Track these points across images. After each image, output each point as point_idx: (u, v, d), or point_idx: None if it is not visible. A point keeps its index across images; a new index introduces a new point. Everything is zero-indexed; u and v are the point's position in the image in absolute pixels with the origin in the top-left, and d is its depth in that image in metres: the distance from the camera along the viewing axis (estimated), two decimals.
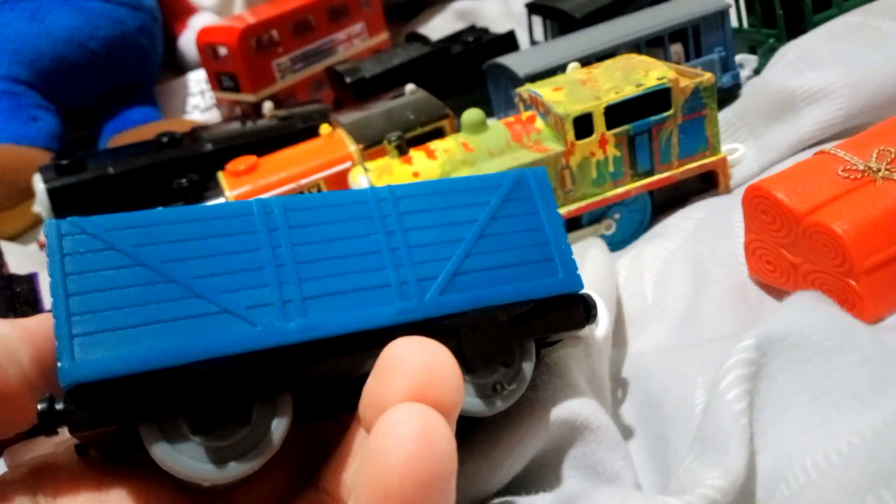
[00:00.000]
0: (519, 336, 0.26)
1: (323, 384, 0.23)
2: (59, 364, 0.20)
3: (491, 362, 0.25)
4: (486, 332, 0.25)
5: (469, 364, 0.24)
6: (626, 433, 0.33)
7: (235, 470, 0.21)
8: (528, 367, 0.26)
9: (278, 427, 0.22)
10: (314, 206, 0.24)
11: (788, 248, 0.34)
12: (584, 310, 0.27)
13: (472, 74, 0.63)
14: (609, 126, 0.43)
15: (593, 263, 0.39)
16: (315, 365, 0.23)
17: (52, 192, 0.54)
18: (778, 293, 0.37)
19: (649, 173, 0.45)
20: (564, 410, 0.28)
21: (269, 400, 0.22)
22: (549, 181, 0.28)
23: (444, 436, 0.18)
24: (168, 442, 0.21)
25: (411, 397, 0.19)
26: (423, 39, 0.72)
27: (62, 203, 0.54)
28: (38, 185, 0.54)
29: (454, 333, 0.24)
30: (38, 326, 0.23)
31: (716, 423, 0.27)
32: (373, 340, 0.23)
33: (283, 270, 0.23)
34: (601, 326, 0.32)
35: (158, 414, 0.21)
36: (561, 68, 0.52)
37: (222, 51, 0.70)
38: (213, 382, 0.21)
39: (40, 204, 0.55)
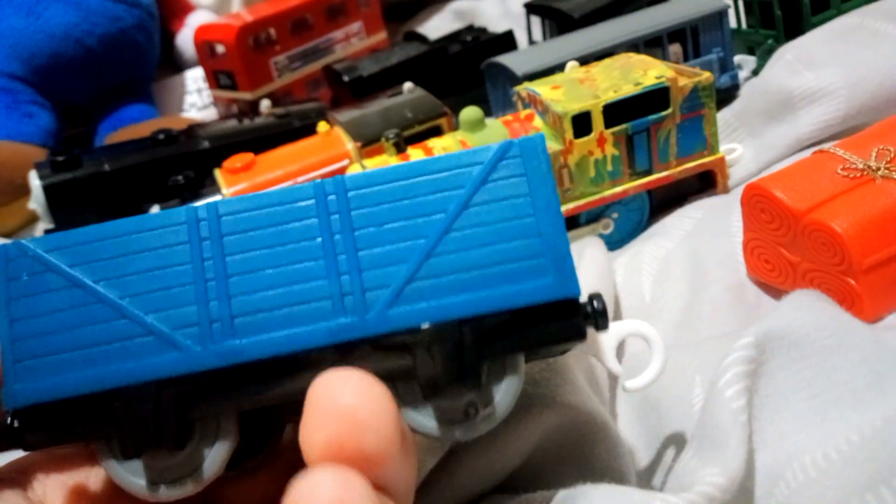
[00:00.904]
0: (489, 354, 0.21)
1: (259, 408, 0.22)
2: (2, 388, 0.21)
3: (450, 386, 0.21)
4: (445, 352, 0.21)
5: (423, 389, 0.21)
6: (625, 431, 0.33)
7: (166, 493, 0.21)
8: (507, 388, 0.21)
9: (218, 453, 0.21)
10: (250, 209, 0.22)
11: (787, 247, 0.34)
12: (586, 317, 0.22)
13: (470, 74, 0.63)
14: (607, 125, 0.43)
15: (591, 263, 0.39)
16: (245, 390, 0.21)
17: (47, 189, 0.54)
18: (776, 292, 0.36)
19: (647, 172, 0.45)
20: (564, 408, 0.28)
21: (211, 424, 0.22)
22: (545, 152, 0.22)
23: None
24: (114, 458, 0.21)
25: (330, 453, 0.17)
26: (422, 38, 0.72)
27: (58, 200, 0.54)
28: (34, 181, 0.54)
29: (405, 352, 0.21)
30: None
31: (714, 421, 0.27)
32: (312, 362, 0.21)
33: (211, 286, 0.21)
34: (649, 372, 0.25)
35: (95, 436, 0.21)
36: (559, 67, 0.51)
37: (220, 49, 0.70)
38: (139, 408, 0.21)
39: (36, 201, 0.54)
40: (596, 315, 0.22)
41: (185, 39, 0.81)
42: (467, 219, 0.21)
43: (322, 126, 0.53)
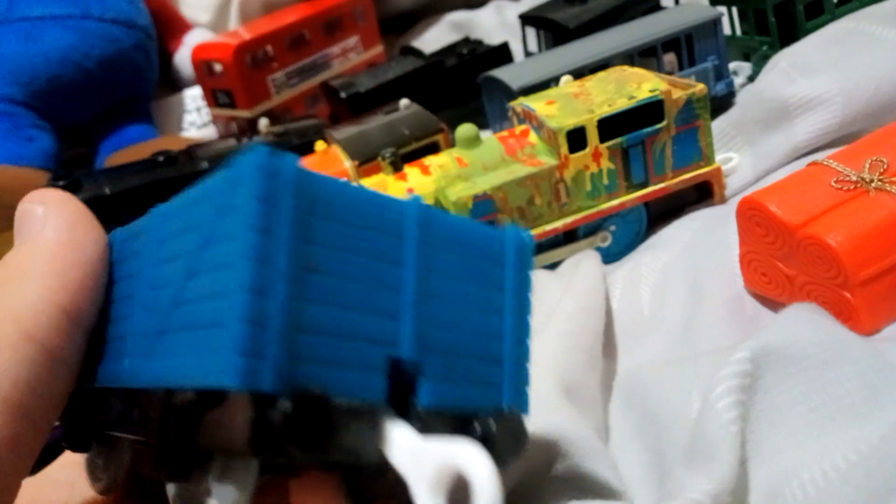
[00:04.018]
0: (183, 442, 0.17)
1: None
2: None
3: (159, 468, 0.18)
4: (151, 425, 0.18)
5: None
6: (624, 447, 0.33)
7: (94, 481, 0.23)
8: (222, 493, 0.17)
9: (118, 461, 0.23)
10: (125, 239, 0.21)
11: (783, 261, 0.34)
12: (260, 424, 0.15)
13: (466, 87, 0.63)
14: (602, 139, 0.43)
15: (584, 276, 0.39)
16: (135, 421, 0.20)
17: None
18: (774, 305, 0.36)
19: (644, 185, 0.45)
20: (541, 427, 0.28)
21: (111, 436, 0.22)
22: (295, 173, 0.15)
23: None
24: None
25: None
26: (418, 53, 0.72)
27: None
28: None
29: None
30: None
31: (704, 433, 0.27)
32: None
33: (118, 305, 0.21)
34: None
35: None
36: (554, 80, 0.52)
37: (217, 67, 0.71)
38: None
39: None
40: (277, 428, 0.15)
41: (183, 59, 0.82)
42: (202, 262, 0.16)
43: (320, 145, 0.53)
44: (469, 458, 0.16)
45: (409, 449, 0.16)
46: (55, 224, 0.21)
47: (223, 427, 0.16)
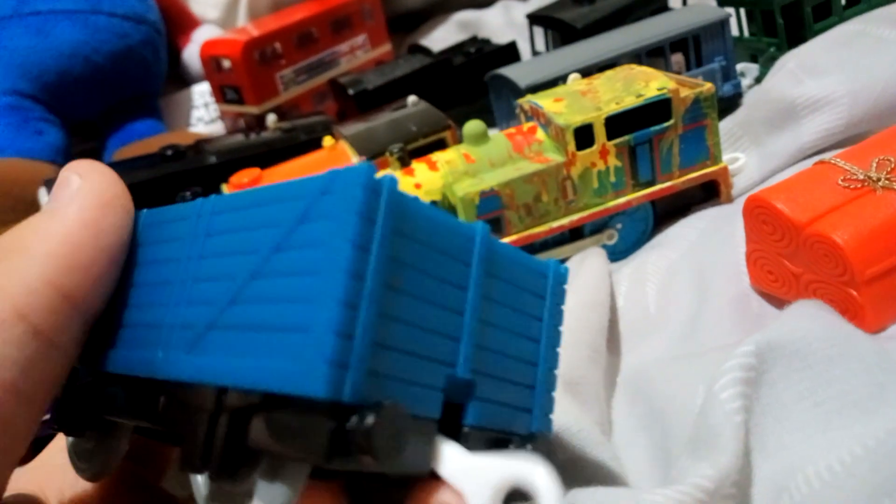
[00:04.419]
0: (232, 441, 0.17)
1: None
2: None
3: (206, 468, 0.17)
4: (197, 425, 0.18)
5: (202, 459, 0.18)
6: (629, 442, 0.33)
7: (80, 469, 0.23)
8: (271, 493, 0.17)
9: (117, 447, 0.23)
10: (162, 221, 0.21)
11: (789, 258, 0.34)
12: (340, 433, 0.15)
13: (474, 85, 0.63)
14: (610, 136, 0.43)
15: (588, 273, 0.39)
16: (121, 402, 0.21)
17: None
18: (780, 303, 0.37)
19: (651, 183, 0.45)
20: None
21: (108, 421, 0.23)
22: (392, 194, 0.16)
23: None
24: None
25: None
26: (426, 51, 0.72)
27: None
28: (43, 198, 0.55)
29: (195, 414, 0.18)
30: None
31: (708, 423, 0.27)
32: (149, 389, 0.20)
33: (129, 292, 0.21)
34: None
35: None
36: (562, 79, 0.52)
37: (226, 63, 0.71)
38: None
39: None
40: (357, 439, 0.15)
41: (192, 55, 0.82)
42: (274, 264, 0.16)
43: (328, 140, 0.53)
44: (533, 471, 0.17)
45: (461, 464, 0.17)
46: (84, 200, 0.20)
47: (275, 430, 0.16)
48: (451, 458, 0.17)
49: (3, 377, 0.18)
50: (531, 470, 0.17)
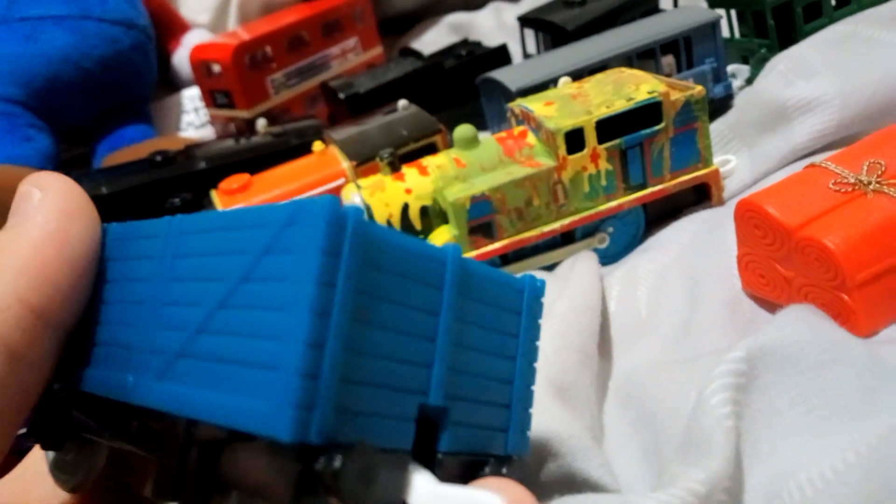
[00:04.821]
0: (203, 473, 0.17)
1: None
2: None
3: (168, 495, 0.17)
4: (168, 448, 0.18)
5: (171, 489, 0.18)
6: (620, 446, 0.33)
7: (60, 480, 0.23)
8: None
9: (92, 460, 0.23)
10: (128, 237, 0.21)
11: (781, 262, 0.34)
12: (306, 474, 0.15)
13: (465, 88, 0.63)
14: (600, 140, 0.43)
15: (578, 277, 0.39)
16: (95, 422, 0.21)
17: None
18: (772, 307, 0.36)
19: (642, 186, 0.45)
20: (532, 427, 0.28)
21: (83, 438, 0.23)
22: (358, 225, 0.15)
23: None
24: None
25: None
26: (417, 54, 0.72)
27: None
28: None
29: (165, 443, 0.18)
30: None
31: (699, 427, 0.27)
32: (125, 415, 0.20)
33: (101, 309, 0.21)
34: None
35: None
36: (553, 82, 0.52)
37: (216, 68, 0.71)
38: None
39: None
40: (326, 480, 0.15)
41: (182, 59, 0.82)
42: (240, 296, 0.16)
43: (318, 145, 0.53)
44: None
45: (431, 494, 0.16)
46: (48, 213, 0.20)
47: (245, 463, 0.16)
48: (421, 490, 0.17)
49: None
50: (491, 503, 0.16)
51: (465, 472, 0.19)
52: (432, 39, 0.88)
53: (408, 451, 0.17)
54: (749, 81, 0.58)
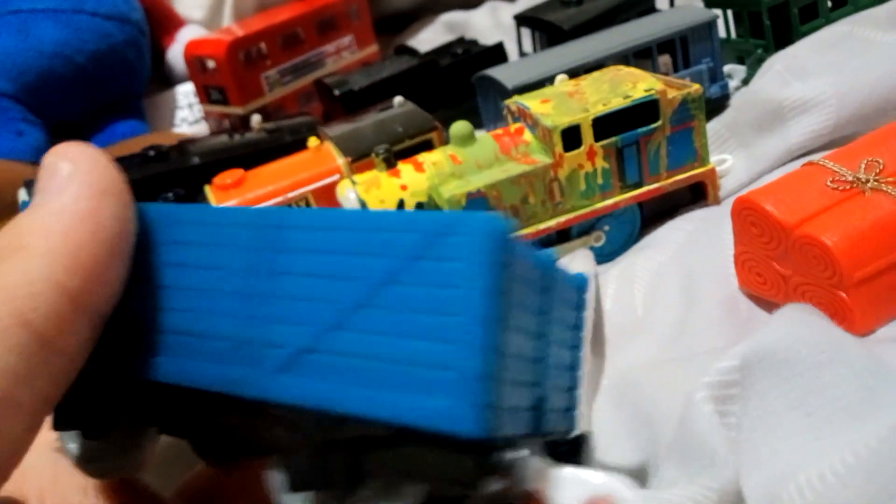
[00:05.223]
0: (350, 467, 0.18)
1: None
2: None
3: (321, 488, 0.18)
4: (319, 447, 0.18)
5: (290, 478, 0.18)
6: (614, 446, 0.33)
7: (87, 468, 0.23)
8: None
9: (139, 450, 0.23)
10: (191, 221, 0.20)
11: (778, 260, 0.34)
12: (479, 465, 0.16)
13: (461, 86, 0.63)
14: (597, 138, 0.43)
15: None
16: (167, 412, 0.21)
17: None
18: (769, 305, 0.36)
19: (638, 185, 0.45)
20: None
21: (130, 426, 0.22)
22: (500, 244, 0.16)
23: None
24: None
25: None
26: (412, 52, 0.72)
27: None
28: (24, 199, 0.54)
29: (288, 433, 0.19)
30: None
31: (692, 430, 0.27)
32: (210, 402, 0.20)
33: (160, 294, 0.20)
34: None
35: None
36: (549, 80, 0.51)
37: (210, 64, 0.70)
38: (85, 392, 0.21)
39: None
40: (502, 469, 0.17)
41: (176, 55, 0.81)
42: (385, 297, 0.17)
43: (312, 141, 0.53)
44: (620, 486, 0.18)
45: (554, 478, 0.18)
46: (78, 189, 0.19)
47: (390, 454, 0.17)
48: (539, 472, 0.18)
49: (2, 388, 0.17)
50: (620, 486, 0.18)
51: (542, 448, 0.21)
52: (428, 38, 0.87)
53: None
54: (745, 82, 0.58)
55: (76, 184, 0.19)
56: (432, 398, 0.16)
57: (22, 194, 0.54)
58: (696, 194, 0.47)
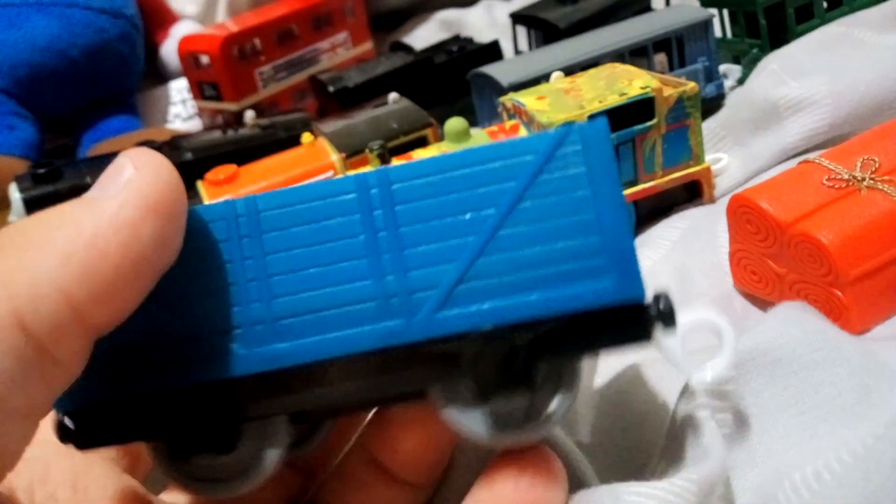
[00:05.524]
0: (544, 361, 0.20)
1: (308, 411, 0.21)
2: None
3: (501, 393, 0.20)
4: (496, 357, 0.20)
5: (472, 393, 0.20)
6: (608, 446, 0.33)
7: (214, 491, 0.21)
8: (562, 398, 0.20)
9: (268, 456, 0.21)
10: (290, 203, 0.20)
11: (773, 258, 0.34)
12: (652, 318, 0.20)
13: (456, 84, 0.63)
14: None
15: None
16: (288, 395, 0.20)
17: (27, 202, 0.53)
18: (763, 303, 0.36)
19: (633, 183, 0.45)
20: None
21: (260, 426, 0.21)
22: (608, 139, 0.19)
23: None
24: (172, 457, 0.21)
25: None
26: (408, 49, 0.72)
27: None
28: (14, 194, 0.53)
29: (455, 360, 0.20)
30: None
31: (682, 427, 0.26)
32: (358, 365, 0.20)
33: (252, 286, 0.20)
34: (719, 366, 0.24)
35: (149, 436, 0.21)
36: (545, 77, 0.51)
37: (204, 59, 0.70)
38: (192, 409, 0.20)
39: (16, 214, 0.54)
40: (663, 317, 0.20)
41: (170, 50, 0.81)
42: (520, 214, 0.19)
43: (306, 137, 0.52)
44: (716, 319, 0.23)
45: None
46: (128, 198, 0.17)
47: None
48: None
49: None
50: (716, 317, 0.23)
51: None
52: (423, 36, 0.87)
53: None
54: (741, 81, 0.58)
55: (128, 191, 0.18)
56: (599, 280, 0.19)
57: (13, 189, 0.54)
58: (692, 193, 0.47)
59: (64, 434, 0.21)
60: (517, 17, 0.69)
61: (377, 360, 0.20)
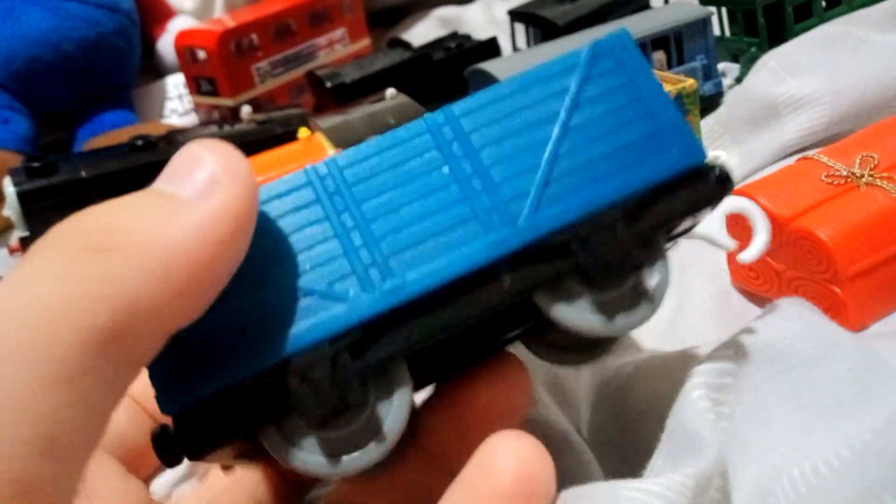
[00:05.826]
0: (641, 233, 0.21)
1: (432, 343, 0.21)
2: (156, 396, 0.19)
3: (617, 272, 0.21)
4: (601, 240, 0.21)
5: (593, 280, 0.21)
6: (608, 444, 0.33)
7: (352, 463, 0.20)
8: (662, 272, 0.22)
9: (398, 406, 0.20)
10: (367, 156, 0.21)
11: (772, 255, 0.34)
12: (714, 180, 0.22)
13: (453, 80, 0.62)
14: None
15: None
16: (417, 326, 0.20)
17: (22, 196, 0.53)
18: (761, 300, 0.36)
19: None
20: (528, 424, 0.27)
21: (383, 377, 0.20)
22: (633, 44, 0.22)
23: None
24: (288, 442, 0.20)
25: None
26: (405, 45, 0.71)
27: (32, 207, 0.53)
28: (8, 188, 0.53)
29: (565, 251, 0.21)
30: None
31: (683, 424, 0.26)
32: (475, 281, 0.21)
33: (354, 235, 0.21)
34: (758, 243, 0.28)
35: (267, 419, 0.19)
36: None
37: (201, 54, 0.69)
38: (317, 374, 0.19)
39: (10, 207, 0.53)
40: (721, 179, 0.22)
41: (166, 45, 0.80)
42: (580, 117, 0.22)
43: (303, 132, 0.52)
44: (748, 204, 0.27)
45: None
46: (222, 209, 0.16)
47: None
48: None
49: (38, 432, 0.13)
50: (749, 203, 0.27)
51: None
52: (421, 33, 0.87)
53: None
54: (738, 80, 0.58)
55: (223, 200, 0.16)
56: (666, 154, 0.21)
57: (7, 183, 0.53)
58: None
59: (168, 449, 0.19)
60: (515, 15, 0.69)
61: (497, 271, 0.21)
